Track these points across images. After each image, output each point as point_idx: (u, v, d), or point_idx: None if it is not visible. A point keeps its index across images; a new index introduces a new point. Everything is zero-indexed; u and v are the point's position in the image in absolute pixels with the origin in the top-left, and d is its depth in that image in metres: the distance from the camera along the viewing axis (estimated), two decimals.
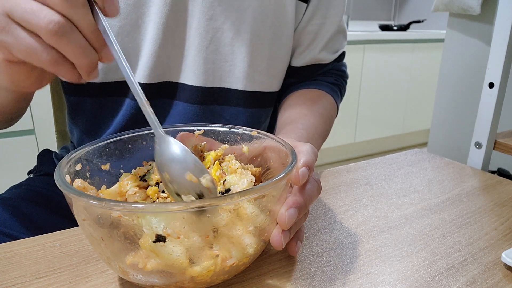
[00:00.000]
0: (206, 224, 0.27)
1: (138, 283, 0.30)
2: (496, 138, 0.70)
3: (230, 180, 0.35)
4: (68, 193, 0.27)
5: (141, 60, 0.55)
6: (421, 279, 0.35)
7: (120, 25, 0.52)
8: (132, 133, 0.39)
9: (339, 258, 0.38)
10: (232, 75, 0.58)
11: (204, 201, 0.27)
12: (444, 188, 0.55)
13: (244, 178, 0.35)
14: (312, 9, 0.62)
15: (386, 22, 3.33)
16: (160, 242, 0.26)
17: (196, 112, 0.58)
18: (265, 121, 0.67)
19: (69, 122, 0.63)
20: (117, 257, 0.29)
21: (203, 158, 0.38)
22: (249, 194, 0.28)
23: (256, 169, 0.38)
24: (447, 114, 1.51)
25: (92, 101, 0.58)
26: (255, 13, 0.56)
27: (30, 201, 0.56)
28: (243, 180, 0.35)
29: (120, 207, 0.26)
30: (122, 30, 0.53)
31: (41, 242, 0.39)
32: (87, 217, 0.28)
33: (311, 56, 0.65)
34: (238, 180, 0.35)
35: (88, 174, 0.35)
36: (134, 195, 0.34)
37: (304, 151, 0.35)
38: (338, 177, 0.59)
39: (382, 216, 0.47)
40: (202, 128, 0.41)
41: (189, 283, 0.29)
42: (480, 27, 1.35)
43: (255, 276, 0.35)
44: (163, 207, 0.26)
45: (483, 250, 0.40)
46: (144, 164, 0.39)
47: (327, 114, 0.61)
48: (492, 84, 0.67)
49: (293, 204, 0.33)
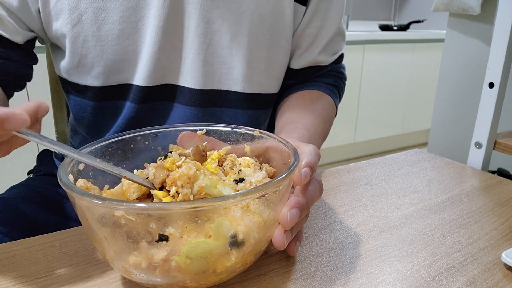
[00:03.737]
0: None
1: (141, 282, 0.30)
2: (496, 138, 0.70)
3: (245, 171, 0.36)
4: (71, 192, 0.27)
5: (141, 63, 0.55)
6: (421, 279, 0.35)
7: (121, 28, 0.52)
8: (134, 133, 0.40)
9: (339, 258, 0.38)
10: (231, 77, 0.58)
11: (206, 201, 0.27)
12: (444, 188, 0.55)
13: (258, 172, 0.35)
14: (311, 11, 0.62)
15: (386, 22, 3.33)
16: (163, 241, 0.27)
17: (195, 115, 0.58)
18: (264, 123, 0.67)
19: (72, 122, 0.64)
20: (120, 256, 0.29)
21: (206, 158, 0.38)
22: (252, 194, 0.28)
23: (270, 169, 0.38)
24: (447, 114, 1.51)
25: (93, 104, 0.58)
26: (253, 16, 0.56)
27: (30, 201, 0.56)
28: (258, 173, 0.35)
29: (123, 206, 0.26)
30: (123, 33, 0.53)
31: (41, 242, 0.39)
32: (89, 216, 0.28)
33: (310, 58, 0.65)
34: (253, 173, 0.35)
35: (91, 173, 0.35)
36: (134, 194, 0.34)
37: (307, 152, 0.35)
38: (338, 177, 0.59)
39: (382, 216, 0.47)
40: (205, 128, 0.41)
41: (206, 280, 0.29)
42: (480, 27, 1.35)
43: (255, 276, 0.35)
44: (165, 206, 0.26)
45: (483, 250, 0.40)
46: (146, 166, 0.39)
47: (326, 115, 0.61)
48: (492, 84, 0.67)
49: (295, 204, 0.33)
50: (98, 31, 0.52)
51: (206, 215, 0.27)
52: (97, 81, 0.56)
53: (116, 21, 0.52)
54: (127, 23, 0.53)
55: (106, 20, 0.52)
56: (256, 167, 0.36)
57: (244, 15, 0.56)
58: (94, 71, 0.55)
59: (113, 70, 0.55)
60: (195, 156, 0.37)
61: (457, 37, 1.43)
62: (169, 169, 0.32)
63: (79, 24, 0.52)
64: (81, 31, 0.52)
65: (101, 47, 0.53)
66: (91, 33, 0.52)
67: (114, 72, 0.55)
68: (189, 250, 0.27)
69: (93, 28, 0.52)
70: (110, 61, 0.54)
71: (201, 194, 0.31)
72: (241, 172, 0.36)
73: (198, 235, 0.27)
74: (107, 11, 0.52)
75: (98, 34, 0.52)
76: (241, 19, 0.56)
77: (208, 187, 0.31)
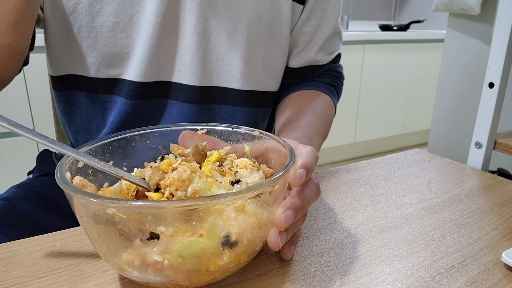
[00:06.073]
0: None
1: (135, 279, 0.30)
2: (496, 138, 0.70)
3: (241, 172, 0.36)
4: (65, 189, 0.27)
5: (135, 58, 0.55)
6: (421, 279, 0.35)
7: (115, 21, 0.53)
8: (135, 132, 0.40)
9: (339, 258, 0.38)
10: (229, 74, 0.59)
11: (197, 199, 0.27)
12: (444, 188, 0.55)
13: (255, 173, 0.35)
14: (308, 10, 0.62)
15: (386, 22, 3.33)
16: (154, 239, 0.27)
17: (193, 111, 0.58)
18: (263, 122, 0.67)
19: (62, 120, 0.63)
20: (113, 253, 0.29)
21: (205, 158, 0.38)
22: (244, 193, 0.28)
23: (268, 170, 0.38)
24: (447, 114, 1.51)
25: (84, 96, 0.58)
26: (251, 14, 0.57)
27: (30, 201, 0.56)
28: (255, 174, 0.35)
29: (115, 204, 0.26)
30: (117, 26, 0.53)
31: (41, 242, 0.39)
32: (84, 213, 0.28)
33: (308, 57, 0.65)
34: (249, 174, 0.35)
35: (91, 171, 0.35)
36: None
37: (304, 153, 0.35)
38: (338, 177, 0.59)
39: (382, 216, 0.47)
40: (205, 128, 0.41)
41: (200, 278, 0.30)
42: (480, 27, 1.35)
43: (255, 276, 0.35)
44: (157, 205, 0.26)
45: (483, 250, 0.40)
46: (146, 165, 0.39)
47: (326, 114, 0.61)
48: (492, 84, 0.67)
49: (291, 206, 0.32)
50: (92, 22, 0.53)
51: (197, 214, 0.27)
52: (89, 71, 0.56)
53: (111, 13, 0.52)
54: (122, 16, 0.53)
55: (101, 11, 0.52)
56: (254, 168, 0.36)
57: (242, 13, 0.56)
58: (87, 60, 0.55)
59: (105, 62, 0.55)
60: (194, 156, 0.37)
61: (457, 37, 1.43)
62: (165, 171, 0.32)
63: (73, 13, 0.52)
64: (75, 20, 0.53)
65: (94, 38, 0.54)
66: (85, 23, 0.53)
67: (106, 64, 0.55)
68: (181, 249, 0.27)
69: (87, 18, 0.53)
70: (103, 53, 0.54)
71: (195, 196, 0.31)
72: (238, 174, 0.36)
73: (190, 234, 0.27)
74: (103, 2, 0.52)
75: (92, 25, 0.53)
76: (239, 17, 0.56)
77: (202, 190, 0.32)
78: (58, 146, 0.30)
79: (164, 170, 0.33)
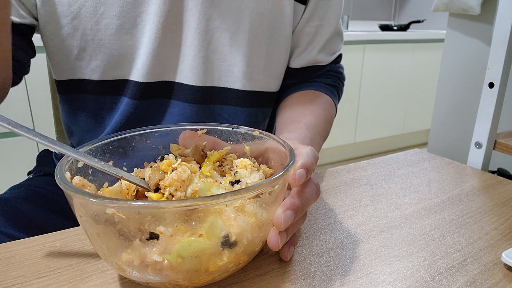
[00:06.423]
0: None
1: (134, 279, 0.30)
2: (496, 138, 0.70)
3: (241, 172, 0.36)
4: (65, 189, 0.27)
5: (139, 59, 0.55)
6: (421, 279, 0.35)
7: (119, 23, 0.53)
8: (135, 132, 0.40)
9: (339, 258, 0.38)
10: (231, 74, 0.59)
11: (197, 200, 0.27)
12: (444, 188, 0.55)
13: (255, 173, 0.35)
14: (310, 10, 0.62)
15: (386, 22, 3.33)
16: (153, 239, 0.27)
17: (195, 112, 0.58)
18: (263, 122, 0.67)
19: (68, 122, 0.63)
20: (113, 253, 0.29)
21: (205, 158, 0.38)
22: (243, 193, 0.28)
23: (268, 170, 0.38)
24: (447, 114, 1.51)
25: (91, 99, 0.58)
26: (253, 14, 0.57)
27: (30, 201, 0.56)
28: (254, 174, 0.35)
29: (115, 204, 0.26)
30: (121, 28, 0.53)
31: (41, 242, 0.39)
32: (83, 213, 0.28)
33: (309, 58, 0.65)
34: (249, 174, 0.35)
35: (91, 171, 0.35)
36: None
37: (304, 153, 0.35)
38: (338, 177, 0.59)
39: (382, 216, 0.47)
40: (205, 127, 0.41)
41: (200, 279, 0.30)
42: (480, 27, 1.35)
43: (255, 276, 0.35)
44: (156, 205, 0.26)
45: (483, 250, 0.40)
46: (146, 165, 0.39)
47: (327, 115, 0.61)
48: (492, 84, 0.67)
49: (290, 206, 0.32)
50: (96, 25, 0.53)
51: (197, 215, 0.27)
52: (95, 75, 0.56)
53: (115, 15, 0.52)
54: (126, 18, 0.53)
55: (104, 14, 0.52)
56: (254, 168, 0.36)
57: (244, 12, 0.56)
58: (92, 64, 0.55)
59: (110, 65, 0.55)
60: (194, 156, 0.37)
61: (457, 37, 1.43)
62: (165, 171, 0.32)
63: (77, 17, 0.52)
64: (79, 24, 0.52)
65: (99, 41, 0.53)
66: (90, 26, 0.53)
67: (112, 66, 0.55)
68: (181, 249, 0.27)
69: (91, 22, 0.52)
70: (108, 55, 0.54)
71: (195, 197, 0.31)
72: (237, 174, 0.36)
73: (190, 234, 0.27)
74: (106, 5, 0.52)
75: (97, 28, 0.53)
76: (241, 17, 0.56)
77: (202, 191, 0.32)
78: (58, 146, 0.30)
79: (164, 170, 0.33)
